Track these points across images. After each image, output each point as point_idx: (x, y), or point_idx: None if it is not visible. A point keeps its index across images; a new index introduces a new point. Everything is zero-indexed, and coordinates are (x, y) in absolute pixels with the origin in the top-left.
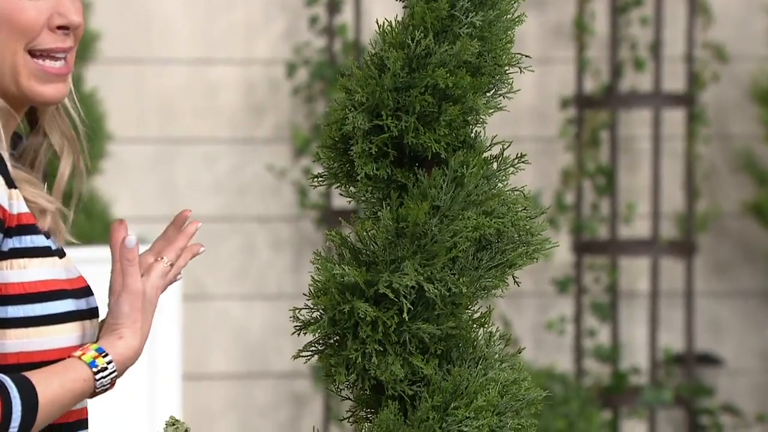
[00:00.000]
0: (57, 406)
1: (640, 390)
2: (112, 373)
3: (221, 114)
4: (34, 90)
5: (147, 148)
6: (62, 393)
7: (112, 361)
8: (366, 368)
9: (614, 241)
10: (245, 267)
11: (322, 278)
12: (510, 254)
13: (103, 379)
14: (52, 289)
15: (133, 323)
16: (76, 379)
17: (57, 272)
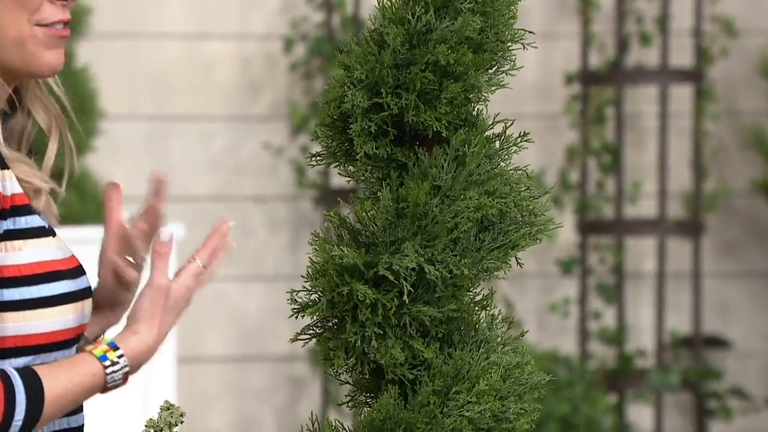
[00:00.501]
0: (65, 400)
1: (646, 373)
2: (123, 368)
3: (216, 91)
4: (42, 58)
5: (140, 126)
6: (71, 387)
7: (124, 356)
8: (365, 352)
9: (620, 221)
10: (241, 248)
11: (320, 260)
12: (513, 235)
13: (114, 374)
14: (47, 271)
15: (151, 319)
16: (86, 373)
17: (52, 252)
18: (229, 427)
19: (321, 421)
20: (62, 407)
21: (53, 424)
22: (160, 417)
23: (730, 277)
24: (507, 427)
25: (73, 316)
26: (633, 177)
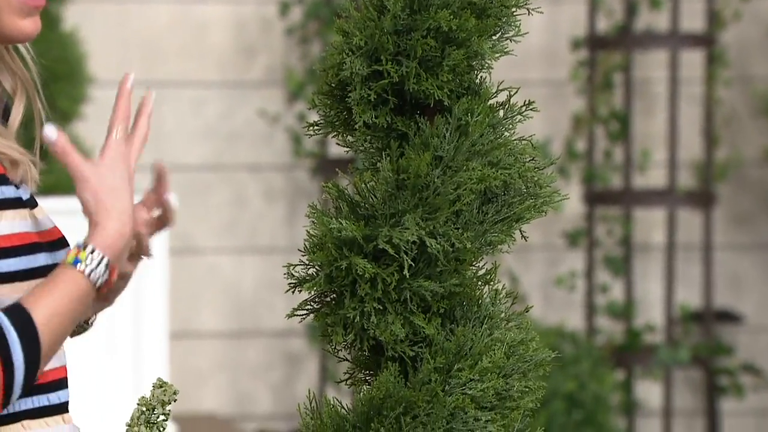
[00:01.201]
0: (59, 319)
1: (655, 349)
2: (101, 261)
3: (210, 55)
4: (16, 26)
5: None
6: (59, 303)
7: (95, 250)
8: (364, 328)
9: (628, 191)
10: (236, 219)
11: (317, 233)
12: (517, 207)
13: (94, 271)
14: (25, 243)
15: (101, 207)
16: (66, 282)
17: (29, 225)
18: (224, 405)
19: (319, 400)
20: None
21: (31, 401)
22: (153, 395)
23: (743, 249)
24: (511, 406)
25: None
26: (642, 146)
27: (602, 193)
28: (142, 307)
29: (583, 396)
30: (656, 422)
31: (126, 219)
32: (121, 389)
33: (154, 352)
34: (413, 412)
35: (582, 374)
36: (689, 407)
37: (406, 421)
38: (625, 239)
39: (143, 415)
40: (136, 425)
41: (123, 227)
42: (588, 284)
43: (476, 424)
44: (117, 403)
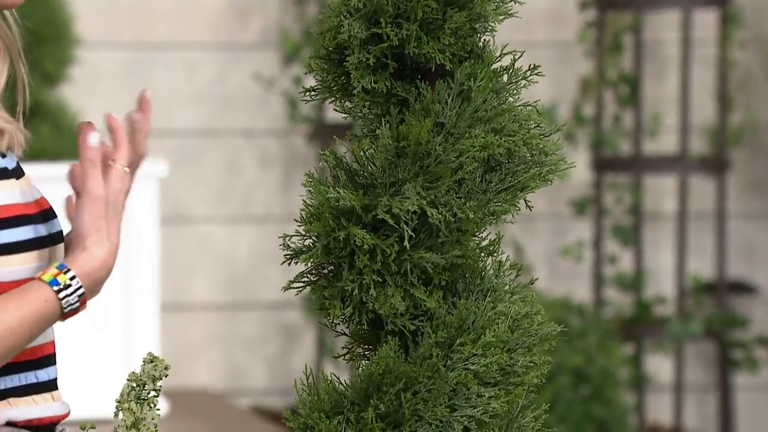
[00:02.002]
0: (18, 332)
1: (666, 322)
2: (77, 290)
3: (202, 16)
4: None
5: (120, 55)
6: (21, 316)
7: (76, 277)
8: (363, 301)
9: (638, 158)
10: (229, 186)
11: (315, 202)
12: (521, 176)
13: (69, 298)
14: (10, 215)
15: (97, 232)
16: (36, 299)
17: (15, 195)
18: (217, 380)
19: (316, 375)
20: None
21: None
22: (143, 370)
23: (757, 217)
24: (515, 381)
25: (41, 263)
26: (652, 110)
27: (611, 160)
28: (132, 278)
29: (590, 371)
30: (667, 398)
31: (114, 252)
32: (111, 364)
33: (144, 325)
34: (414, 388)
35: (589, 348)
36: (701, 382)
37: (407, 398)
38: (634, 207)
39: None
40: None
41: (108, 258)
42: (596, 254)
43: (479, 401)
44: (106, 379)
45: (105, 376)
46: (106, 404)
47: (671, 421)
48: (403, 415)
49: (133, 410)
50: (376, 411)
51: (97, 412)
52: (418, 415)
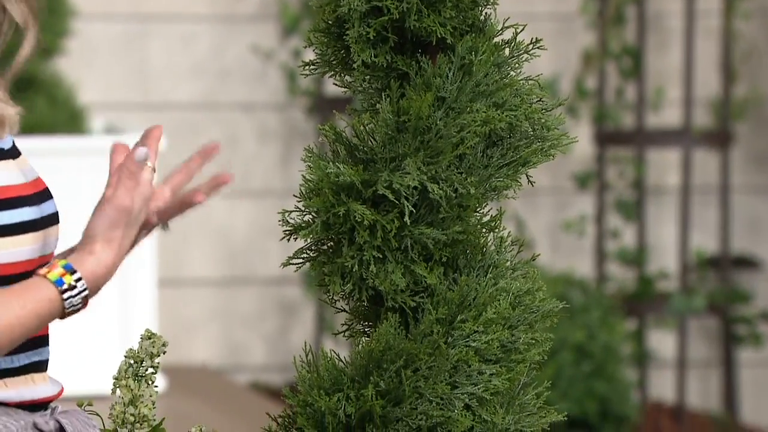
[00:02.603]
0: (20, 329)
1: (669, 297)
2: (82, 291)
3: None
4: None
5: (116, 27)
6: (24, 315)
7: (81, 279)
8: (363, 277)
9: (641, 131)
10: (228, 160)
11: (314, 177)
12: (523, 151)
13: (72, 299)
14: (6, 197)
15: (110, 240)
16: (41, 299)
17: (11, 177)
18: (215, 356)
19: (315, 352)
20: (18, 335)
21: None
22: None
23: (761, 191)
24: (516, 359)
25: (35, 245)
26: (655, 83)
27: (613, 134)
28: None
29: (592, 346)
30: (669, 373)
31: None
32: (108, 339)
33: (142, 300)
34: (414, 365)
35: (591, 324)
36: (704, 358)
37: (407, 375)
38: (637, 182)
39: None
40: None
41: (114, 267)
42: (598, 229)
43: (480, 378)
44: (103, 355)
45: (102, 351)
46: (104, 380)
47: (674, 397)
48: (403, 393)
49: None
50: (376, 388)
51: (94, 389)
52: (418, 393)
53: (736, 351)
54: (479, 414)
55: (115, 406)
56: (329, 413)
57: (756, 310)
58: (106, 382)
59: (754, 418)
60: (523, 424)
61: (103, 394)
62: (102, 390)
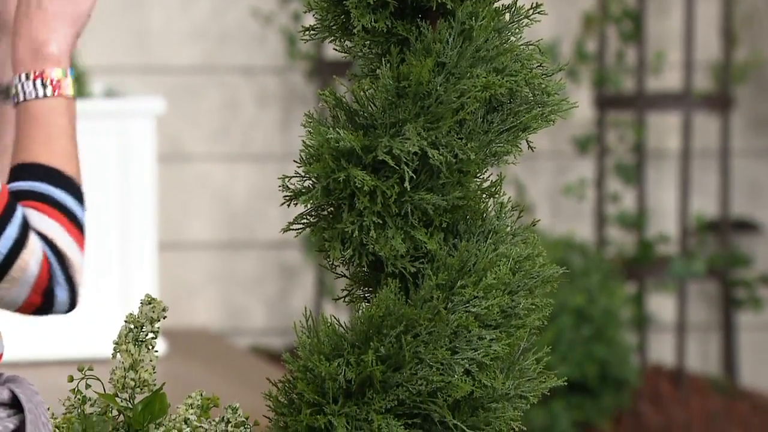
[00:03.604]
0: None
1: (669, 261)
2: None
3: None
4: None
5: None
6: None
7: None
8: (363, 243)
9: (641, 95)
10: (227, 124)
11: (314, 143)
12: (523, 116)
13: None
14: None
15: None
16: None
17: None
18: (215, 320)
19: (315, 317)
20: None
21: None
22: (141, 312)
23: (762, 155)
24: (516, 324)
25: None
26: (656, 46)
27: (614, 97)
28: (129, 216)
29: (592, 310)
30: (669, 337)
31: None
32: (108, 302)
33: (141, 263)
34: (414, 330)
35: (591, 288)
36: (704, 321)
37: (407, 340)
38: (637, 145)
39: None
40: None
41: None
42: (598, 193)
43: (480, 343)
44: (104, 318)
45: (102, 314)
46: (104, 344)
47: (674, 361)
48: (403, 358)
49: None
50: (377, 353)
51: (94, 352)
52: (418, 358)
53: (736, 315)
54: (479, 379)
55: (115, 371)
56: (329, 378)
57: (755, 274)
58: (106, 346)
59: (753, 382)
60: (523, 389)
61: (103, 358)
62: (102, 353)
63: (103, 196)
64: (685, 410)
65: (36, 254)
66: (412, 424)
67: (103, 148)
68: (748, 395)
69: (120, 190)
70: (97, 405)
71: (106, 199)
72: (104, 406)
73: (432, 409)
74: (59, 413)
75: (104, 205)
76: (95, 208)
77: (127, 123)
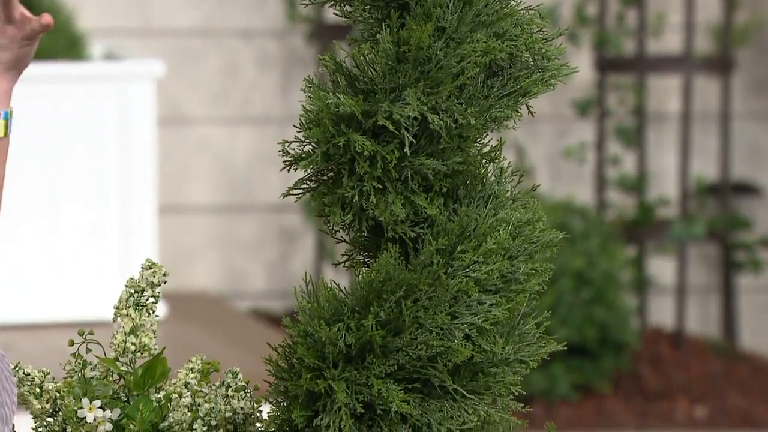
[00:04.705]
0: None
1: (669, 223)
2: None
3: None
4: None
5: None
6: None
7: None
8: (363, 208)
9: (642, 57)
10: (227, 87)
11: (314, 108)
12: (524, 81)
13: None
14: None
15: None
16: None
17: None
18: (216, 283)
19: (315, 281)
20: None
21: None
22: (142, 277)
23: (762, 117)
24: (516, 289)
25: None
26: (656, 8)
27: (614, 60)
28: (129, 180)
29: (592, 273)
30: (669, 300)
31: None
32: (108, 266)
33: (141, 227)
34: (414, 295)
35: (591, 251)
36: (704, 284)
37: (407, 305)
38: (637, 108)
39: (132, 298)
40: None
41: None
42: (598, 156)
43: (480, 308)
44: (104, 281)
45: (102, 278)
46: (104, 306)
47: (673, 324)
48: (403, 323)
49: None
50: (377, 318)
51: (94, 315)
52: (418, 323)
53: (736, 277)
54: (479, 344)
55: (116, 335)
56: (329, 343)
57: (756, 237)
58: (106, 308)
59: (753, 344)
60: (522, 354)
61: (103, 320)
62: (102, 316)
63: (102, 159)
64: (684, 373)
65: None
66: (412, 388)
67: (102, 112)
68: (748, 357)
69: (119, 153)
70: (98, 369)
71: (105, 162)
72: (105, 370)
73: (432, 374)
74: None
75: (104, 169)
76: (95, 172)
77: (126, 86)
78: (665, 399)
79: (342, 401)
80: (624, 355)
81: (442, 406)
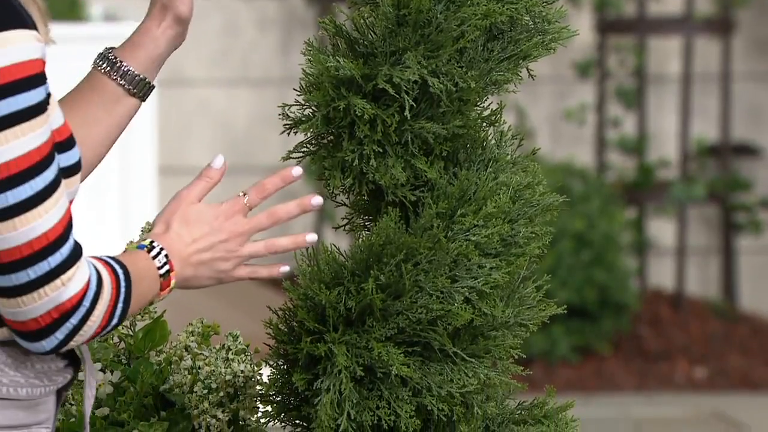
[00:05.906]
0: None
1: (669, 185)
2: (160, 252)
3: None
4: None
5: None
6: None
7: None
8: (363, 171)
9: (642, 19)
10: (227, 48)
11: (314, 71)
12: (524, 44)
13: (159, 257)
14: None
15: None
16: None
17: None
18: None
19: (316, 246)
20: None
21: None
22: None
23: (763, 78)
24: (516, 252)
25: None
26: None
27: (615, 21)
28: (129, 141)
29: (592, 235)
30: (669, 261)
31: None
32: (109, 227)
33: (141, 188)
34: (414, 258)
35: (591, 212)
36: (704, 245)
37: (407, 269)
38: (638, 70)
39: None
40: None
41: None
42: (599, 118)
43: (480, 272)
44: (104, 243)
45: (102, 238)
46: None
47: (673, 285)
48: (403, 286)
49: None
50: (377, 282)
51: None
52: (418, 286)
53: (736, 238)
54: (479, 307)
55: None
56: (330, 307)
57: (756, 198)
58: None
59: (752, 305)
60: (522, 317)
61: None
62: None
63: None
64: (684, 334)
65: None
66: (412, 352)
67: None
68: (748, 318)
69: None
70: None
71: None
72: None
73: (432, 337)
74: None
75: None
76: None
77: None
78: (665, 360)
79: (342, 364)
80: (624, 317)
81: (442, 370)
